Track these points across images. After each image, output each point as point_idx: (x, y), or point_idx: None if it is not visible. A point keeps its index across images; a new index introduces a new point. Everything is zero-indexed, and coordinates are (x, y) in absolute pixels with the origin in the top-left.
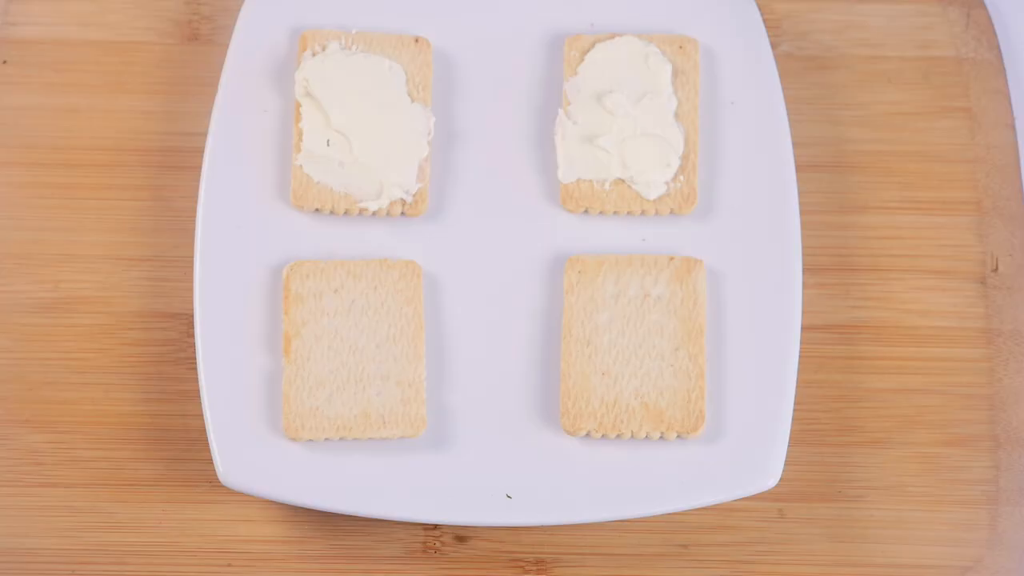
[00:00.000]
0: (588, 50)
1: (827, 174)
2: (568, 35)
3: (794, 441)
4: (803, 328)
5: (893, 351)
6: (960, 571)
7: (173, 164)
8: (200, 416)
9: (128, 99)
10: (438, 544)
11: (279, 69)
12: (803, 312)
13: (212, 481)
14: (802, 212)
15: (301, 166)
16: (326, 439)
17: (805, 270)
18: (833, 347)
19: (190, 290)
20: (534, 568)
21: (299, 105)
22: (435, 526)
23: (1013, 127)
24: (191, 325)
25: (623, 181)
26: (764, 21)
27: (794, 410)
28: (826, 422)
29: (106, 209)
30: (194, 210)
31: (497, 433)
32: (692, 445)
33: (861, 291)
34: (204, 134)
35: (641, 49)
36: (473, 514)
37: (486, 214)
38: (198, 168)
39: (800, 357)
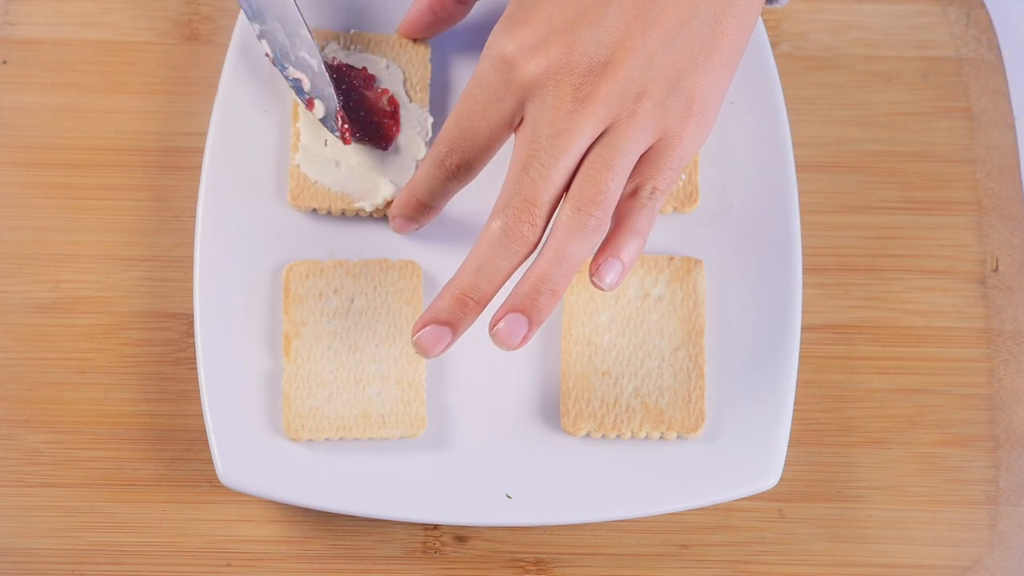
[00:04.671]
0: None
1: (827, 174)
2: None
3: (794, 441)
4: (803, 328)
5: (893, 351)
6: (960, 571)
7: (173, 164)
8: (200, 416)
9: (128, 99)
10: (438, 544)
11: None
12: (803, 312)
13: (212, 481)
14: (802, 212)
15: (299, 165)
16: (326, 439)
17: (805, 270)
18: (832, 347)
19: (190, 290)
20: (534, 568)
21: (297, 105)
22: (435, 526)
23: (1013, 127)
24: (191, 325)
25: None
26: (764, 21)
27: (794, 410)
28: (825, 422)
29: (106, 209)
30: (194, 210)
31: (497, 433)
32: (692, 445)
33: (861, 291)
34: (204, 134)
35: None
36: (473, 514)
37: (486, 214)
38: (198, 168)
39: (800, 357)
